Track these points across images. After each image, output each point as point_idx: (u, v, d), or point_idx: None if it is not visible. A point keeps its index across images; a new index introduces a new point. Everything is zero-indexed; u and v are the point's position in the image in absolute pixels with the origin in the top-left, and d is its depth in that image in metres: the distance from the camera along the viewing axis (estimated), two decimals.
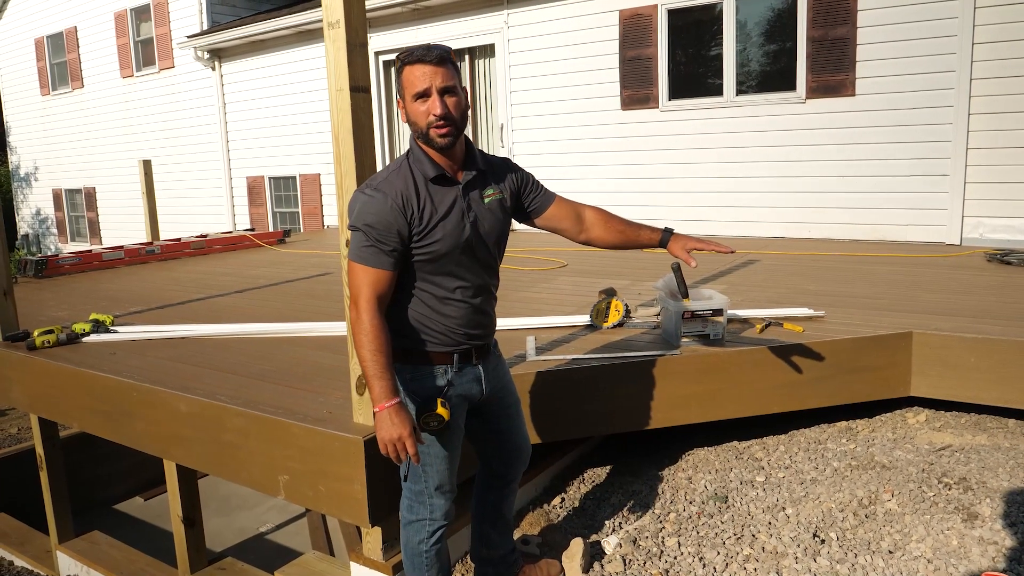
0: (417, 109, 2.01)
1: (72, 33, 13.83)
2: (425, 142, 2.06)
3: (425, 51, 1.99)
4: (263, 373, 3.32)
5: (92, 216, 14.37)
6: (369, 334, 1.99)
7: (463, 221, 2.09)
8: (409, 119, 2.05)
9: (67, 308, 5.09)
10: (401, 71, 2.02)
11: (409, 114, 2.04)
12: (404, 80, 2.02)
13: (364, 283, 2.01)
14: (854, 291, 4.53)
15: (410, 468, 2.22)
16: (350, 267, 2.06)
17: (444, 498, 2.26)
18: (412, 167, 2.08)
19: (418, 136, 2.06)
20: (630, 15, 7.74)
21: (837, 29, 6.68)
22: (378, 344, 1.99)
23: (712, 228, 7.59)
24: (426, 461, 2.19)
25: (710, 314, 3.39)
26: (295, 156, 10.97)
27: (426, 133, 2.03)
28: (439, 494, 2.25)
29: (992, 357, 3.31)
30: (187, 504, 3.64)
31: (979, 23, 6.09)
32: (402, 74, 2.02)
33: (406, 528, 2.32)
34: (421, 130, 2.03)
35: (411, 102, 2.02)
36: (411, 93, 2.01)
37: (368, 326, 1.99)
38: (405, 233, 2.01)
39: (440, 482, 2.23)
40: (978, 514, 2.60)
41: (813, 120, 6.94)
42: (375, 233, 2.00)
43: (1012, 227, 6.21)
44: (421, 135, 2.05)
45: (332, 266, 6.69)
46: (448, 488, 2.27)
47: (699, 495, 3.13)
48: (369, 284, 2.01)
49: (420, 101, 2.01)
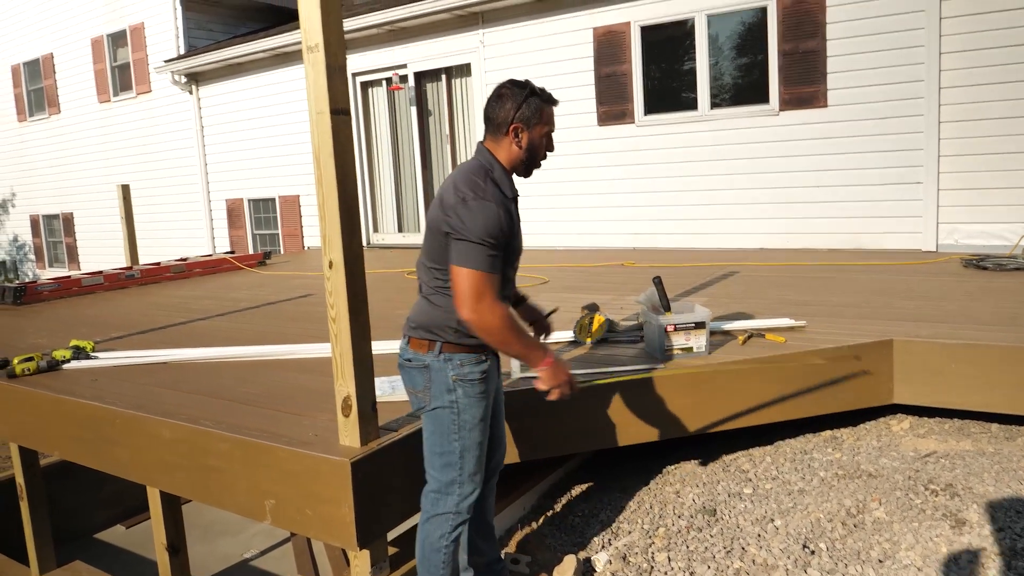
0: (542, 143, 2.35)
1: (49, 59, 13.76)
2: (527, 167, 2.37)
3: (553, 96, 2.37)
4: (247, 397, 3.29)
5: (70, 241, 14.23)
6: (507, 320, 2.19)
7: (520, 231, 2.38)
8: (528, 145, 2.32)
9: (47, 335, 5.02)
10: (541, 107, 2.31)
11: (531, 141, 2.32)
12: (544, 115, 2.32)
13: (489, 286, 2.18)
14: (834, 300, 4.58)
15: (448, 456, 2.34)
16: (473, 275, 2.16)
17: (475, 487, 2.38)
18: (498, 183, 2.29)
19: (525, 162, 2.35)
20: (604, 32, 7.83)
21: (807, 42, 6.79)
22: (516, 325, 2.22)
23: (691, 241, 7.65)
24: (464, 446, 2.33)
25: (692, 327, 3.42)
26: (274, 178, 10.94)
27: (537, 162, 2.38)
28: (472, 481, 2.37)
29: (973, 362, 3.35)
30: (171, 532, 3.58)
31: (945, 32, 6.22)
32: (542, 110, 2.31)
33: (428, 523, 2.39)
34: (537, 159, 2.37)
35: (539, 134, 2.33)
36: (545, 129, 2.34)
37: (505, 318, 2.18)
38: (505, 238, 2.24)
39: (474, 469, 2.37)
40: (966, 520, 2.62)
41: (787, 132, 7.04)
42: (495, 242, 2.18)
43: (987, 232, 6.32)
44: (531, 163, 2.36)
45: (314, 287, 6.66)
46: (480, 476, 2.40)
47: (687, 509, 3.14)
48: (492, 286, 2.19)
49: (545, 137, 2.35)
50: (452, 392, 2.30)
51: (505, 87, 2.32)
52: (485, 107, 2.35)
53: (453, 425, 2.31)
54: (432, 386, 2.32)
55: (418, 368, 2.34)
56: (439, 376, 2.31)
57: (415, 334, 2.34)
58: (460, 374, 2.31)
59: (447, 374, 2.30)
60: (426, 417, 2.37)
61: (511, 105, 2.28)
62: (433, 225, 2.28)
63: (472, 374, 2.32)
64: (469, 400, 2.31)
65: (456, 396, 2.30)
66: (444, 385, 2.31)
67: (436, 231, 2.26)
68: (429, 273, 2.34)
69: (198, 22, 11.90)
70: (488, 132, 2.35)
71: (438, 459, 2.35)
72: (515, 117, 2.28)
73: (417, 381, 2.36)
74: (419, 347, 2.33)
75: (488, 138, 2.35)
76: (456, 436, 2.31)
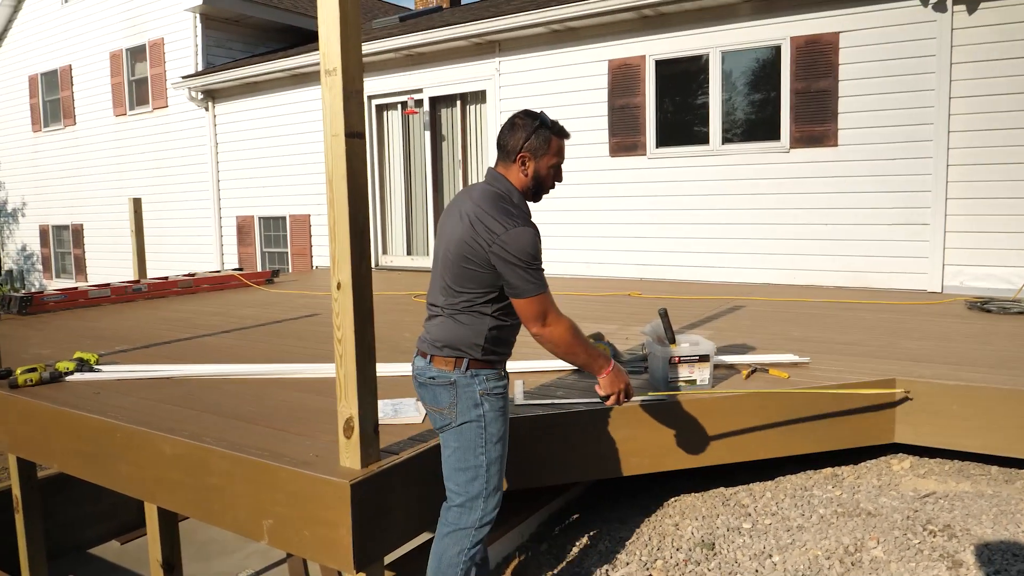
0: (549, 173, 2.45)
1: (67, 71, 13.96)
2: (534, 195, 2.47)
3: (564, 129, 2.48)
4: (250, 415, 3.30)
5: (79, 253, 14.32)
6: (573, 331, 2.37)
7: None
8: (534, 175, 2.43)
9: (51, 346, 5.04)
10: (550, 139, 2.41)
11: (538, 171, 2.43)
12: (552, 147, 2.42)
13: (550, 303, 2.35)
14: (838, 337, 4.58)
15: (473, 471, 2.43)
16: (537, 299, 2.32)
17: (498, 502, 2.48)
18: (519, 206, 2.42)
19: (532, 189, 2.45)
20: (619, 64, 7.92)
21: (820, 82, 6.86)
22: (580, 335, 2.39)
23: (699, 273, 7.67)
24: (490, 460, 2.44)
25: (697, 360, 3.42)
26: (285, 197, 11.03)
27: (544, 190, 2.48)
28: (495, 496, 2.46)
29: (974, 404, 3.35)
30: (167, 549, 3.57)
31: (955, 78, 6.29)
32: (551, 141, 2.41)
33: (447, 537, 2.46)
34: (544, 189, 2.48)
35: (546, 165, 2.43)
36: (553, 160, 2.44)
37: (570, 330, 2.36)
38: None
39: (497, 484, 2.47)
40: (963, 562, 2.60)
41: (797, 169, 7.08)
42: (541, 260, 2.34)
43: (992, 275, 6.32)
44: (537, 191, 2.46)
45: (320, 307, 6.69)
46: (501, 493, 2.49)
47: (686, 542, 3.12)
48: (552, 301, 2.36)
49: (554, 168, 2.45)
50: (479, 407, 2.41)
51: (519, 116, 2.44)
52: (499, 134, 2.46)
53: (480, 439, 2.41)
54: (459, 402, 2.41)
55: (444, 385, 2.42)
56: (466, 392, 2.40)
57: (441, 352, 2.42)
58: (486, 388, 2.42)
59: (475, 389, 2.41)
60: (451, 434, 2.44)
61: (522, 135, 2.39)
62: (460, 249, 2.34)
63: (496, 388, 2.44)
64: (495, 414, 2.43)
65: (483, 410, 2.41)
66: (472, 400, 2.40)
67: (463, 255, 2.34)
68: (453, 295, 2.40)
69: (218, 40, 12.07)
70: (499, 158, 2.46)
71: (462, 475, 2.44)
72: (524, 146, 2.39)
73: (442, 399, 2.43)
74: (445, 364, 2.41)
75: (499, 164, 2.46)
76: (483, 449, 2.42)
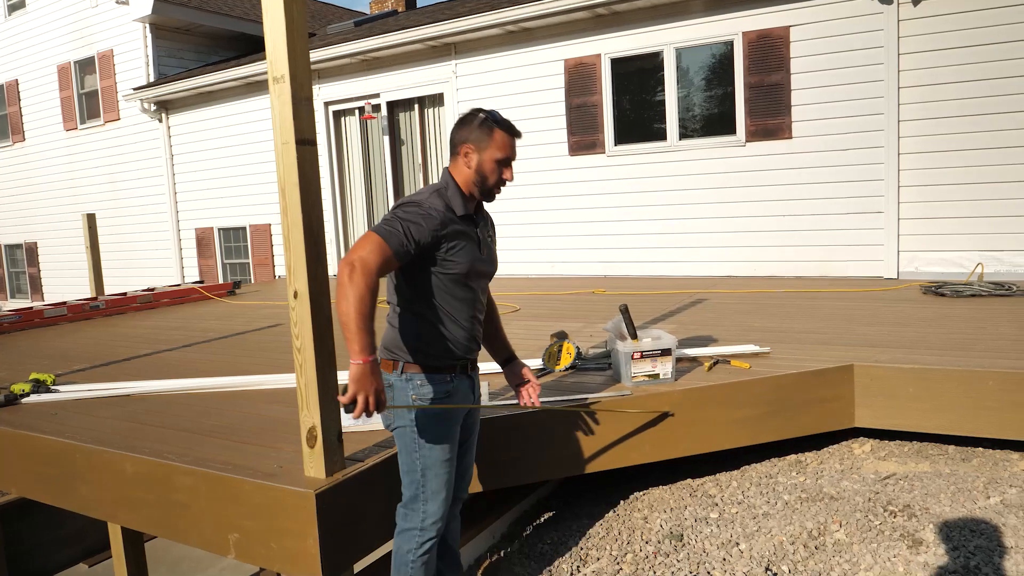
0: (494, 168, 2.37)
1: (13, 86, 13.62)
2: (481, 191, 2.40)
3: (514, 126, 2.41)
4: (213, 429, 3.26)
5: (34, 272, 13.98)
6: (361, 289, 2.11)
7: (479, 251, 2.42)
8: (479, 169, 2.36)
9: (5, 368, 4.92)
10: (492, 130, 2.35)
11: (482, 166, 2.36)
12: (494, 140, 2.35)
13: (376, 253, 2.17)
14: (798, 326, 4.67)
15: (411, 474, 2.38)
16: (370, 236, 2.20)
17: (440, 505, 2.39)
18: (449, 200, 2.35)
19: (477, 184, 2.38)
20: (575, 64, 7.96)
21: (772, 76, 6.97)
22: (366, 304, 2.12)
23: (662, 268, 7.75)
24: (426, 464, 2.37)
25: (659, 354, 3.46)
26: (245, 207, 10.90)
27: (491, 188, 2.40)
28: (435, 500, 2.39)
29: (929, 387, 3.43)
30: (133, 570, 3.51)
31: (903, 68, 6.44)
32: (492, 133, 2.35)
33: (399, 536, 2.44)
34: (487, 184, 2.39)
35: (489, 159, 2.35)
36: (497, 155, 2.36)
37: (363, 286, 2.12)
38: (427, 244, 2.26)
39: (437, 487, 2.39)
40: (923, 540, 2.67)
41: (754, 162, 7.19)
42: (409, 228, 2.22)
43: (945, 260, 6.48)
44: (481, 185, 2.38)
45: (282, 317, 6.62)
46: (446, 495, 2.41)
47: (655, 534, 3.15)
48: (381, 256, 2.17)
49: (499, 163, 2.37)
50: (411, 411, 2.36)
51: (466, 113, 2.43)
52: None
53: (414, 444, 2.37)
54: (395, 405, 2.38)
55: (387, 387, 2.40)
56: (400, 395, 2.38)
57: (383, 355, 2.42)
58: (420, 394, 2.37)
59: (407, 393, 2.37)
60: (394, 436, 2.44)
61: (466, 128, 2.38)
62: None
63: (430, 394, 2.37)
64: (429, 419, 2.36)
65: (415, 415, 2.35)
66: (405, 403, 2.37)
67: None
68: (392, 296, 2.43)
69: (169, 50, 11.88)
70: (450, 156, 2.45)
71: (405, 476, 2.43)
72: (466, 138, 2.37)
73: None
74: (385, 367, 2.40)
75: (450, 161, 2.45)
76: (418, 454, 2.37)
